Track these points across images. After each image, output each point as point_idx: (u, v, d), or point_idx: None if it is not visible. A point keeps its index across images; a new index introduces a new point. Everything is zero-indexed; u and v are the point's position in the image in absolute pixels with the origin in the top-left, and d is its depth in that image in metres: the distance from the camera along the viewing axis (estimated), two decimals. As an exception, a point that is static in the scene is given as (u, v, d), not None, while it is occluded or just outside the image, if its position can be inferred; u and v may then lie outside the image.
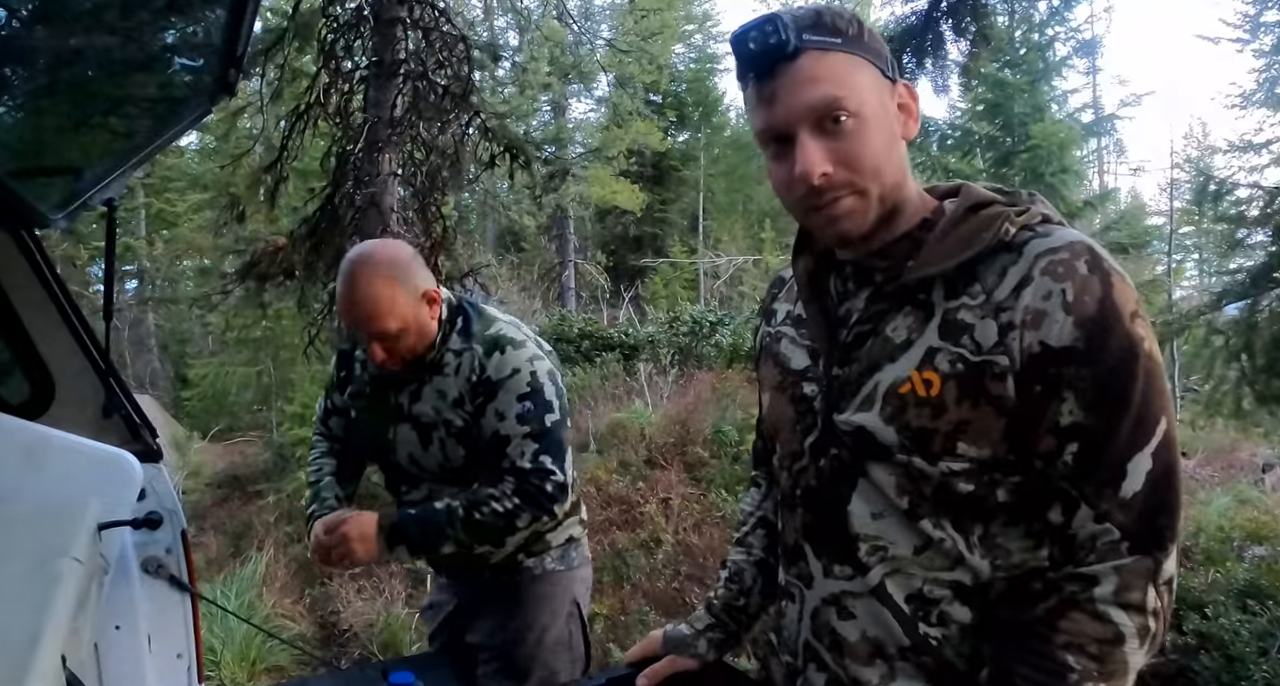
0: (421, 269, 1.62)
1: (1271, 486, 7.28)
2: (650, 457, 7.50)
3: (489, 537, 1.57)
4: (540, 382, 1.60)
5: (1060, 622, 0.77)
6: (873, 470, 0.86)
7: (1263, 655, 4.09)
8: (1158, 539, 0.76)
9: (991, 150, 9.59)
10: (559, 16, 14.61)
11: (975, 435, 0.80)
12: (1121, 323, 0.76)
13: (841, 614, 0.91)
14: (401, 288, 1.55)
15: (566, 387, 1.69)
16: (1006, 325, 0.78)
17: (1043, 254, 0.78)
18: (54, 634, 1.01)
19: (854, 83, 0.81)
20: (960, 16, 4.92)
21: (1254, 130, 15.38)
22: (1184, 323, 5.90)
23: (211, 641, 4.12)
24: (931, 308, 0.83)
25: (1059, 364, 0.76)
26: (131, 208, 16.80)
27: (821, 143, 0.81)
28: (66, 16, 1.15)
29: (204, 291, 11.48)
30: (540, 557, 1.74)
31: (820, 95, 0.80)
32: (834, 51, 0.81)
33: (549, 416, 1.60)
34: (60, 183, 1.77)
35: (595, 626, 5.59)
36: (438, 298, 1.63)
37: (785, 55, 0.80)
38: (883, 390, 0.85)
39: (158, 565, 1.89)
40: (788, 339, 1.00)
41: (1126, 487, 0.76)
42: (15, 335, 1.91)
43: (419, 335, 1.60)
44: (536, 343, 1.67)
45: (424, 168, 6.64)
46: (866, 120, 0.81)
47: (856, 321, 0.89)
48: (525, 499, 1.56)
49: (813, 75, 0.80)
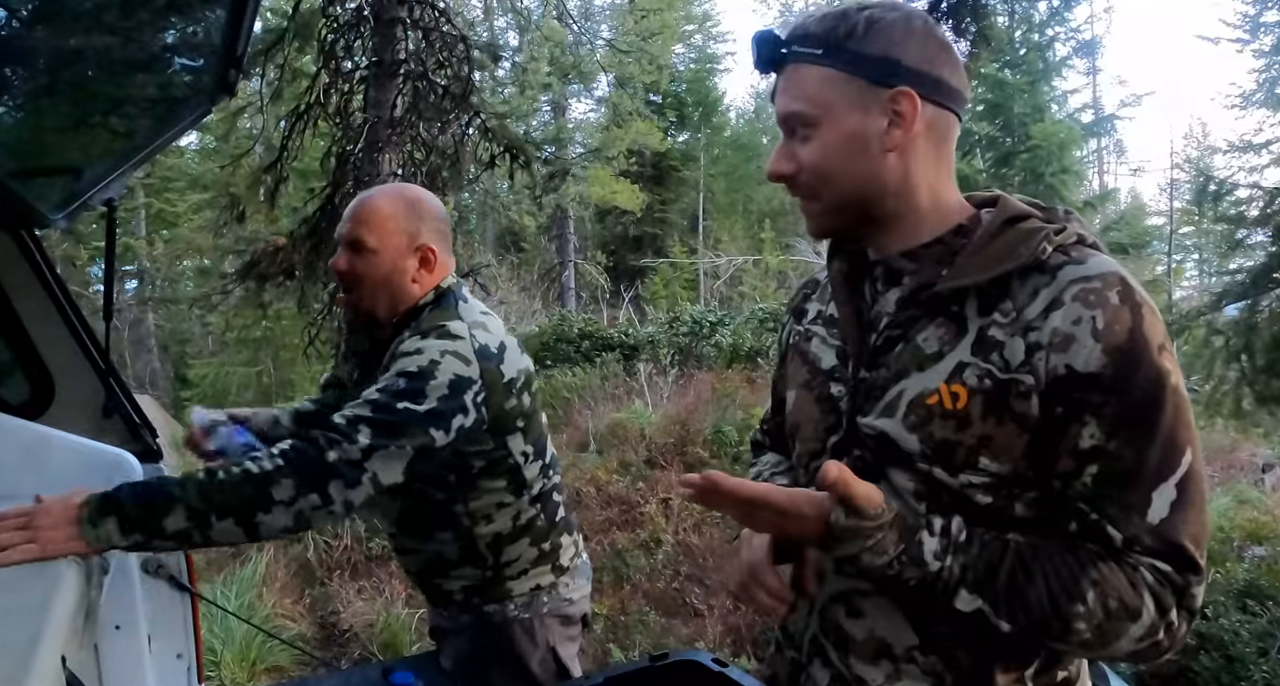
0: (440, 229, 1.52)
1: (1271, 487, 7.28)
2: (650, 458, 7.51)
3: (231, 506, 1.19)
4: (433, 372, 1.32)
5: (1101, 565, 0.77)
6: (892, 474, 0.86)
7: (1263, 655, 4.09)
8: (1188, 562, 0.77)
9: (992, 150, 9.59)
10: (559, 16, 14.62)
11: (998, 451, 0.80)
12: (1149, 354, 0.77)
13: (850, 611, 0.91)
14: (402, 218, 1.47)
15: (563, 388, 1.61)
16: (1034, 345, 0.79)
17: (1076, 280, 0.79)
18: (54, 634, 1.01)
19: (819, 97, 0.86)
20: (960, 17, 4.93)
21: (1254, 130, 15.38)
22: (1184, 323, 5.90)
23: (212, 641, 4.12)
24: (964, 321, 0.84)
25: (1084, 389, 0.77)
26: (131, 208, 16.79)
27: (789, 145, 0.90)
28: (66, 16, 1.15)
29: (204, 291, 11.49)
30: (501, 606, 1.55)
31: (784, 107, 0.88)
32: (811, 65, 0.86)
33: (409, 404, 1.29)
34: (60, 183, 1.77)
35: (595, 626, 5.60)
36: (433, 259, 1.49)
37: (772, 65, 0.89)
38: (908, 398, 0.85)
39: (158, 565, 1.89)
40: (819, 338, 1.01)
41: (1153, 514, 0.77)
42: (15, 335, 1.91)
43: (390, 279, 1.47)
44: (483, 349, 1.40)
45: (424, 168, 6.64)
46: (823, 132, 0.86)
47: (886, 325, 0.90)
48: (293, 463, 1.22)
49: (786, 87, 0.89)
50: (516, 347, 1.50)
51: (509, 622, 1.56)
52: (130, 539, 1.16)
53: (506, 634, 1.56)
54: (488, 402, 1.38)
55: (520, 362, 1.49)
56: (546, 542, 1.57)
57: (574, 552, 1.65)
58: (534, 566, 1.56)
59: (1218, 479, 7.52)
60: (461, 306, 1.48)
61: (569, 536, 1.63)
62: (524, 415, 1.48)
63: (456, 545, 1.52)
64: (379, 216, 1.47)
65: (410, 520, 1.56)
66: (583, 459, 7.92)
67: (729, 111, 23.19)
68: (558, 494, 1.61)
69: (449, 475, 1.45)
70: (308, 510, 1.22)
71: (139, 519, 1.16)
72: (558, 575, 1.60)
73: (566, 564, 1.61)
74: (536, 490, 1.54)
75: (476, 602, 1.56)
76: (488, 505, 1.49)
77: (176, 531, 1.17)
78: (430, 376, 1.32)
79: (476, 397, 1.36)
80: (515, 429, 1.47)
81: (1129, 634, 0.77)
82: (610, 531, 6.35)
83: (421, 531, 1.55)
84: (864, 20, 0.85)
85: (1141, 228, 10.57)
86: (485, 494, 1.48)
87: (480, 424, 1.38)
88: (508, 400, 1.43)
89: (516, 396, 1.45)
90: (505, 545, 1.53)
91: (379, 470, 1.26)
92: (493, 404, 1.39)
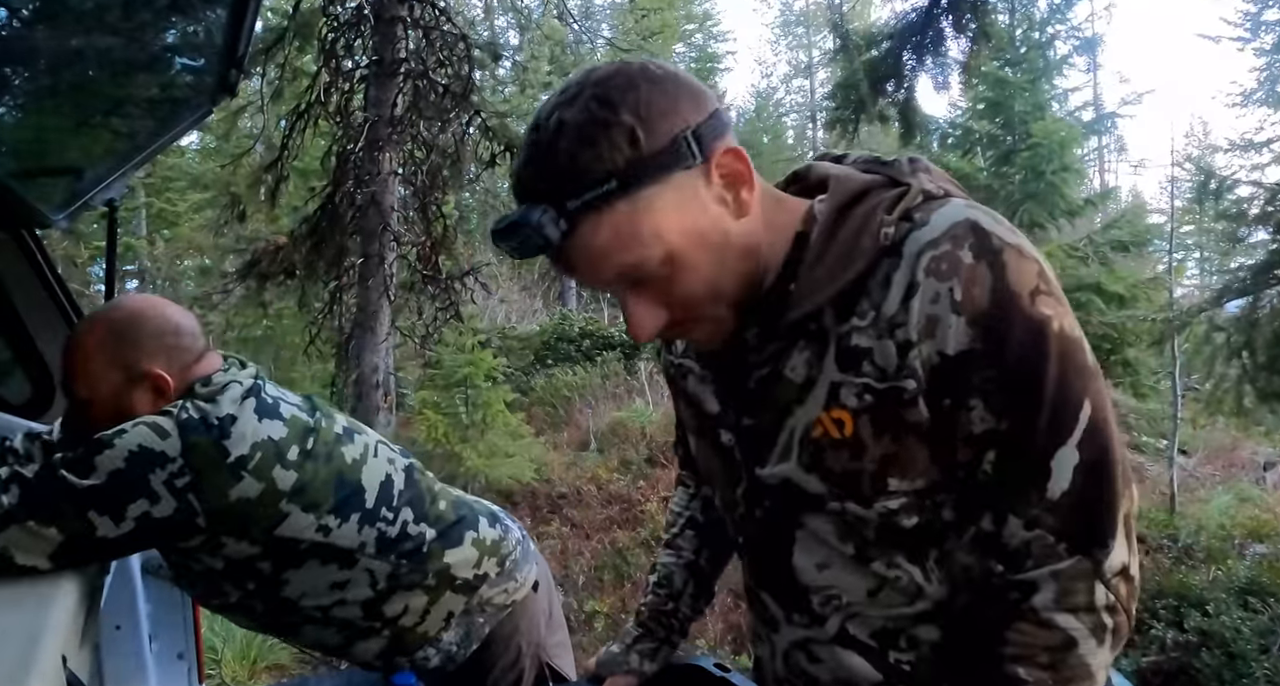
0: (164, 343, 1.23)
1: (1272, 484, 7.28)
2: (651, 456, 7.51)
3: None
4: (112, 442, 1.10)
5: (1007, 633, 0.71)
6: (808, 520, 0.80)
7: (1264, 652, 4.09)
8: (1095, 536, 0.70)
9: (992, 148, 9.57)
10: (559, 15, 14.59)
11: (905, 467, 0.73)
12: (1018, 307, 0.67)
13: (810, 658, 0.86)
14: (106, 352, 1.21)
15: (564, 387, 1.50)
16: (905, 343, 0.69)
17: (923, 251, 0.69)
18: (54, 634, 1.01)
19: (648, 232, 0.68)
20: (961, 14, 4.92)
21: (1255, 128, 15.43)
22: (1185, 320, 5.90)
23: (212, 640, 4.12)
24: (824, 336, 0.74)
25: (960, 370, 0.68)
26: (132, 207, 16.77)
27: (644, 295, 0.72)
28: (68, 17, 1.15)
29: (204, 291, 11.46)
30: (435, 652, 1.39)
31: (613, 269, 0.70)
32: (609, 206, 0.66)
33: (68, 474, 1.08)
34: (61, 183, 1.78)
35: (595, 624, 5.60)
36: (167, 387, 1.22)
37: (558, 247, 0.68)
38: (798, 436, 0.77)
39: (158, 565, 1.89)
40: (694, 377, 0.90)
41: (1053, 487, 0.69)
42: (16, 335, 1.91)
43: (113, 420, 1.16)
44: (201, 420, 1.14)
45: (424, 167, 6.65)
46: (679, 261, 0.70)
47: (755, 363, 0.79)
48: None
49: (596, 251, 0.68)
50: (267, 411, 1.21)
51: (462, 667, 1.41)
52: None
53: (470, 672, 1.42)
54: (194, 487, 1.11)
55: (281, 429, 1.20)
56: (428, 580, 1.34)
57: (474, 562, 1.39)
58: (431, 605, 1.36)
59: (1219, 477, 7.52)
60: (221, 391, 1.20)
61: (457, 548, 1.38)
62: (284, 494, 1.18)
63: (330, 630, 1.35)
64: (79, 360, 1.22)
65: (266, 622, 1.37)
66: (583, 457, 7.92)
67: (729, 111, 23.15)
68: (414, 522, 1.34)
69: (247, 582, 1.25)
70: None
71: None
72: (469, 592, 1.38)
73: (469, 576, 1.38)
74: (374, 548, 1.29)
75: (402, 662, 1.40)
76: (315, 592, 1.29)
77: None
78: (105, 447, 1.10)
79: (173, 480, 1.10)
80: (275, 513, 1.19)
81: (1084, 655, 0.71)
82: (611, 529, 6.35)
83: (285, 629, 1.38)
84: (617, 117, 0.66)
85: (1142, 226, 10.54)
86: (303, 583, 1.27)
87: (189, 513, 1.12)
88: (238, 485, 1.14)
89: (258, 478, 1.15)
90: (383, 605, 1.33)
91: (14, 546, 1.07)
92: (203, 489, 1.12)
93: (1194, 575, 5.12)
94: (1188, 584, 4.94)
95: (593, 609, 5.78)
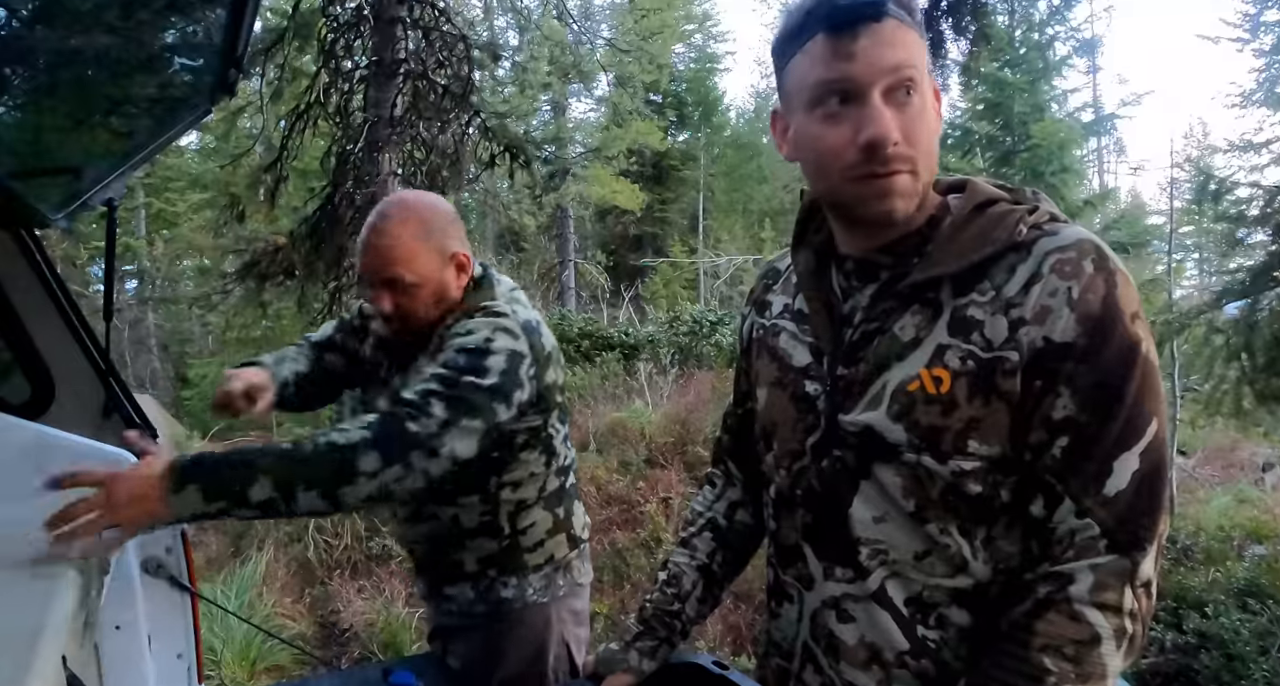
0: (456, 225, 1.50)
1: (1272, 485, 7.29)
2: (650, 457, 7.51)
3: (316, 478, 1.17)
4: (490, 347, 1.34)
5: (1037, 624, 0.77)
6: (878, 471, 0.85)
7: (1263, 654, 4.09)
8: (1136, 539, 0.76)
9: (991, 149, 9.59)
10: (559, 16, 14.60)
11: (986, 432, 0.79)
12: (1122, 322, 0.76)
13: (841, 617, 0.90)
14: (429, 238, 1.44)
15: (565, 387, 1.58)
16: (1017, 321, 0.78)
17: (1052, 252, 0.79)
18: (54, 634, 1.01)
19: (921, 62, 0.81)
20: (960, 15, 4.93)
21: (1254, 130, 15.39)
22: (1184, 321, 5.90)
23: (212, 641, 4.12)
24: (939, 305, 0.83)
25: (1059, 359, 0.76)
26: (131, 207, 16.79)
27: (890, 112, 0.79)
28: (66, 16, 1.14)
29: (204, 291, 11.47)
30: (519, 583, 1.54)
31: (901, 61, 0.79)
32: (910, 27, 0.81)
33: (472, 377, 1.30)
34: (60, 183, 1.77)
35: (596, 625, 5.60)
36: (468, 264, 1.49)
37: (873, 15, 0.78)
38: (891, 389, 0.83)
39: (158, 565, 1.89)
40: (787, 334, 0.98)
41: (1111, 485, 0.76)
42: (15, 335, 1.91)
43: (436, 298, 1.46)
44: (526, 324, 1.43)
45: (424, 167, 6.64)
46: (926, 101, 0.82)
47: (863, 320, 0.88)
48: (376, 434, 1.21)
49: (896, 41, 0.79)
50: (544, 322, 1.53)
51: (528, 607, 1.54)
52: (214, 505, 1.13)
53: (525, 621, 1.54)
54: (537, 376, 1.41)
55: (551, 336, 1.51)
56: (560, 509, 1.58)
57: (583, 523, 1.66)
58: (549, 536, 1.56)
59: (1218, 478, 7.52)
60: (496, 286, 1.53)
61: (579, 503, 1.65)
62: (559, 389, 1.51)
63: (478, 510, 1.51)
64: (406, 249, 1.42)
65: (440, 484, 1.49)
66: (583, 458, 7.91)
67: (729, 111, 23.17)
68: (573, 465, 1.64)
69: (493, 450, 1.42)
70: (390, 481, 1.21)
71: (223, 487, 1.14)
72: (571, 547, 1.60)
73: (578, 533, 1.62)
74: (562, 461, 1.57)
75: (492, 575, 1.53)
76: (520, 475, 1.51)
77: (261, 501, 1.15)
78: (486, 349, 1.34)
79: (529, 371, 1.38)
80: (555, 402, 1.49)
81: (1105, 655, 0.76)
82: (610, 531, 6.35)
83: (447, 496, 1.52)
84: None
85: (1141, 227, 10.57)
86: (520, 465, 1.50)
87: (533, 398, 1.40)
88: (548, 373, 1.45)
89: (554, 369, 1.47)
90: (524, 512, 1.53)
91: (456, 444, 1.26)
92: (539, 377, 1.42)
93: (1193, 576, 5.12)
94: (1187, 585, 4.94)
95: (592, 610, 5.78)
